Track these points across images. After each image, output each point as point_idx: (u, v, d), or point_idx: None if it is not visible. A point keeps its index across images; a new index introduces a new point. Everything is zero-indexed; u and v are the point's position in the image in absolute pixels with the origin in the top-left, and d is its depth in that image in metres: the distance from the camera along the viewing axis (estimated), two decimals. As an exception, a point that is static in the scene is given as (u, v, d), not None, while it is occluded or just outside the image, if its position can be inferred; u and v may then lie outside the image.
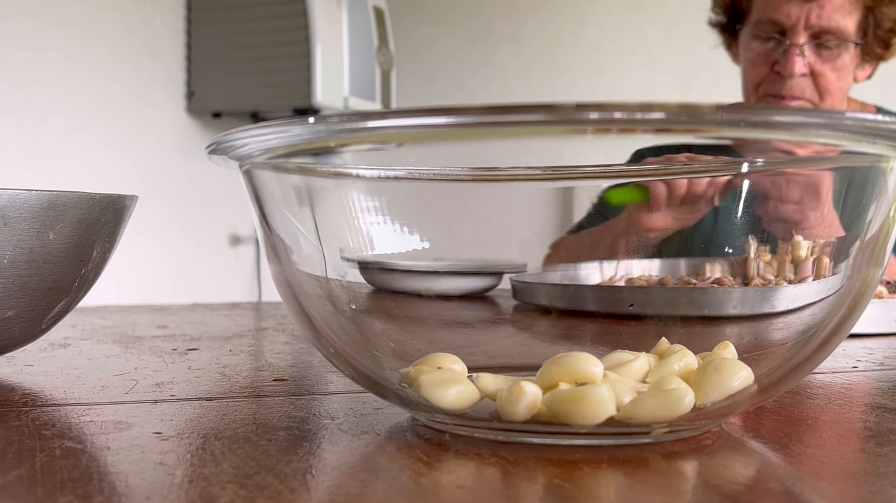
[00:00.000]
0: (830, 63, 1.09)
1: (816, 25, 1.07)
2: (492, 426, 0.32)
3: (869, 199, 0.33)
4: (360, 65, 2.15)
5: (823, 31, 1.07)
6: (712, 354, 0.34)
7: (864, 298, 0.34)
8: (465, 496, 0.26)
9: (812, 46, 1.08)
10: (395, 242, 0.36)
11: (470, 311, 0.50)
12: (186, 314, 0.79)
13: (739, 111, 0.27)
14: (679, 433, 0.33)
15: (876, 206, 0.33)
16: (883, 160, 0.32)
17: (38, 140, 1.82)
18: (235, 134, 0.32)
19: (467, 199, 0.39)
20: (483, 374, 0.33)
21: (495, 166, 0.38)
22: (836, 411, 0.38)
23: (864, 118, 0.28)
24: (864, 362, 0.52)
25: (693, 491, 0.27)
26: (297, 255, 0.36)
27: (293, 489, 0.26)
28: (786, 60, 1.08)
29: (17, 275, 0.39)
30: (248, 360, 0.52)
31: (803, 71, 1.08)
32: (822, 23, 1.07)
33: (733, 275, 0.43)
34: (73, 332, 0.64)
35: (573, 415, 0.30)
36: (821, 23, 1.07)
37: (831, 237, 0.34)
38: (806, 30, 1.08)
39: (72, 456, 0.30)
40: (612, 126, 0.27)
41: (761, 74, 1.12)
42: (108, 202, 0.42)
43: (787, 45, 1.08)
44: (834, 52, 1.08)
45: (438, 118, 0.28)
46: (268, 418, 0.36)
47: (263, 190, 0.36)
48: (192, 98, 2.17)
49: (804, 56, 1.08)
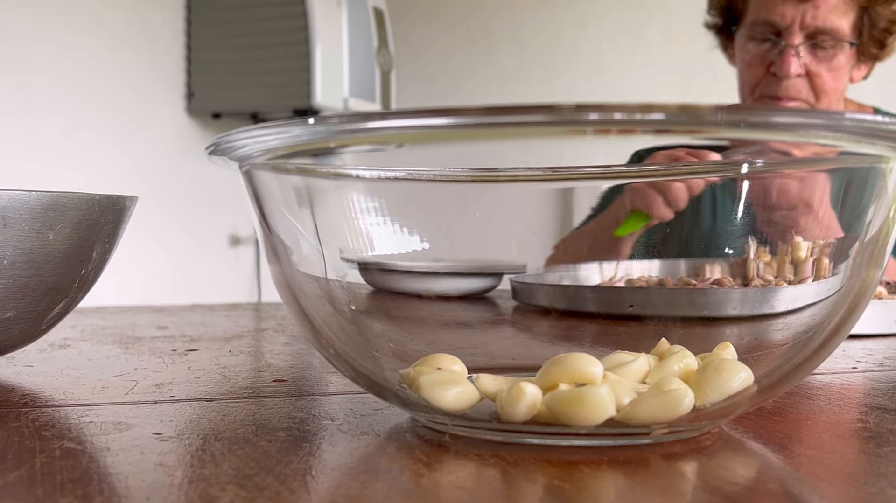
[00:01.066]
0: (826, 63, 1.09)
1: (812, 26, 1.07)
2: (492, 427, 0.32)
3: (868, 199, 0.33)
4: (359, 65, 2.15)
5: (819, 31, 1.07)
6: (712, 355, 0.34)
7: (863, 299, 0.34)
8: (465, 497, 0.26)
9: (807, 47, 1.08)
10: (394, 243, 0.36)
11: (470, 312, 0.50)
12: (186, 315, 0.79)
13: (739, 112, 0.27)
14: (679, 434, 0.33)
15: (875, 206, 0.33)
16: (882, 161, 0.32)
17: (38, 140, 1.82)
18: (235, 135, 0.32)
19: (467, 199, 0.39)
20: (483, 375, 0.33)
21: (495, 167, 0.38)
22: (835, 412, 0.38)
23: (863, 119, 0.28)
24: (863, 363, 0.52)
25: (693, 492, 0.27)
26: (296, 256, 0.36)
27: (293, 490, 0.26)
28: (781, 61, 1.08)
29: (17, 276, 0.39)
30: (247, 361, 0.52)
31: (799, 71, 1.08)
32: (818, 23, 1.07)
33: (733, 276, 0.43)
34: (73, 333, 0.64)
35: (573, 416, 0.30)
36: (816, 23, 1.07)
37: (830, 238, 0.34)
38: (801, 30, 1.08)
39: (72, 457, 0.30)
40: (612, 127, 0.27)
41: (757, 76, 1.12)
42: (108, 203, 0.42)
43: (783, 46, 1.08)
44: (829, 52, 1.08)
45: (437, 119, 0.28)
46: (268, 419, 0.36)
47: (263, 190, 0.36)
48: (191, 98, 2.17)
49: (800, 57, 1.08)
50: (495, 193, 0.40)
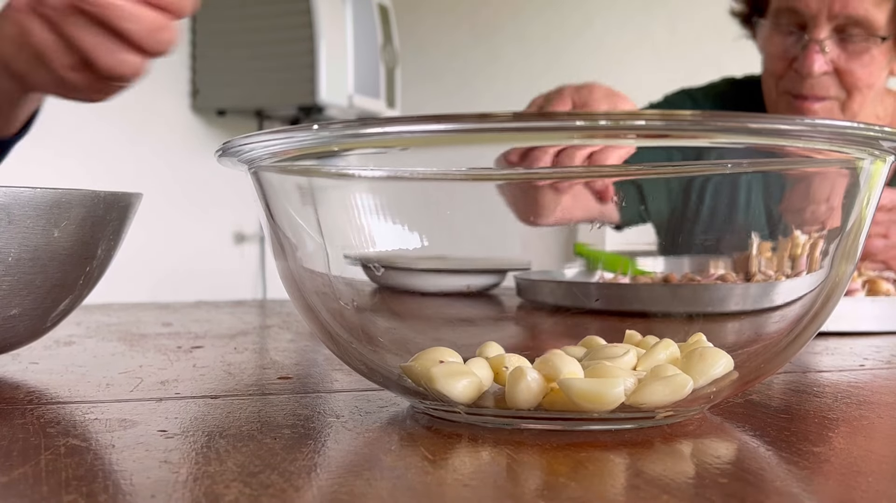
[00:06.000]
0: (858, 59, 0.96)
1: (841, 15, 0.93)
2: (501, 414, 0.33)
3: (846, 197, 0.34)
4: (364, 62, 2.15)
5: (850, 21, 0.94)
6: (689, 344, 0.36)
7: (838, 291, 0.36)
8: (470, 495, 0.26)
9: (836, 40, 0.95)
10: (397, 241, 0.36)
11: (474, 309, 0.50)
12: (191, 312, 0.79)
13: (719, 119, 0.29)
14: (674, 418, 0.34)
15: (850, 203, 0.34)
16: (855, 162, 0.33)
17: (42, 137, 1.82)
18: (243, 139, 0.33)
19: (469, 197, 0.39)
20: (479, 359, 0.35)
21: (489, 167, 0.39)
22: (842, 409, 0.38)
23: (835, 125, 0.30)
24: (871, 360, 0.52)
25: (696, 490, 0.27)
26: (301, 252, 0.36)
27: (298, 487, 0.26)
28: (804, 58, 0.96)
29: (22, 273, 0.39)
30: (252, 358, 0.52)
31: (824, 69, 0.96)
32: (848, 11, 0.93)
33: (736, 272, 0.43)
34: (78, 330, 0.64)
35: (590, 401, 0.31)
36: (846, 11, 0.93)
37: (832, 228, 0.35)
38: (829, 21, 0.94)
39: (76, 454, 0.30)
40: (598, 132, 0.30)
41: (780, 69, 1.00)
42: (113, 200, 0.42)
43: (806, 40, 0.95)
44: (861, 45, 0.95)
45: (436, 125, 0.29)
46: (272, 416, 0.36)
47: (269, 190, 0.36)
48: (196, 96, 2.17)
49: (825, 52, 0.95)
50: (495, 192, 0.40)
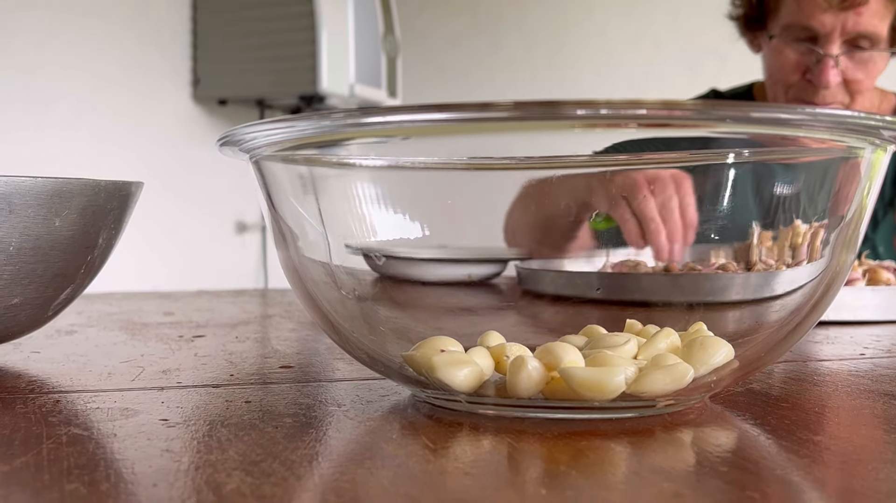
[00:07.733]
0: (863, 67, 1.05)
1: (853, 31, 1.03)
2: (502, 402, 0.33)
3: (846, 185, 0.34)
4: (365, 51, 2.14)
5: (860, 35, 1.03)
6: (689, 333, 0.36)
7: (838, 280, 0.36)
8: (471, 483, 0.26)
9: (845, 52, 1.04)
10: (398, 230, 0.36)
11: (475, 298, 0.50)
12: (192, 301, 0.79)
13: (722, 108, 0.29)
14: (674, 406, 0.34)
15: (850, 192, 0.34)
16: (857, 151, 0.34)
17: (44, 126, 1.83)
18: (244, 129, 0.33)
19: (471, 187, 0.39)
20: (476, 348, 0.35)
21: (497, 155, 0.39)
22: (843, 398, 0.38)
23: (837, 114, 0.30)
24: (871, 349, 0.52)
25: (696, 478, 0.27)
26: (303, 242, 0.36)
27: (299, 476, 0.26)
28: (820, 72, 1.04)
29: (24, 263, 0.39)
30: (254, 347, 0.52)
31: (838, 80, 1.05)
32: (860, 29, 1.03)
33: (736, 261, 0.43)
34: (80, 319, 0.64)
35: (591, 390, 0.31)
36: (858, 29, 1.03)
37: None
38: (841, 37, 1.03)
39: (78, 443, 0.30)
40: (597, 122, 0.30)
41: (791, 80, 1.08)
42: (114, 189, 0.42)
43: (821, 55, 1.04)
44: (866, 54, 1.05)
45: (437, 114, 0.29)
46: (274, 405, 0.36)
47: (270, 179, 0.36)
48: (197, 85, 2.16)
49: (838, 65, 1.04)
50: (497, 181, 0.40)
